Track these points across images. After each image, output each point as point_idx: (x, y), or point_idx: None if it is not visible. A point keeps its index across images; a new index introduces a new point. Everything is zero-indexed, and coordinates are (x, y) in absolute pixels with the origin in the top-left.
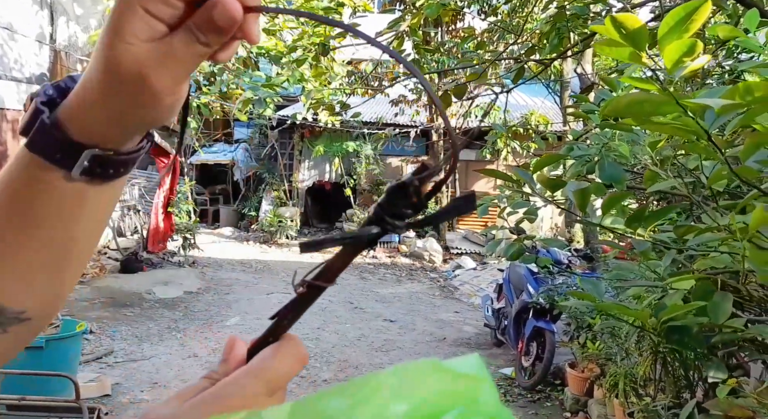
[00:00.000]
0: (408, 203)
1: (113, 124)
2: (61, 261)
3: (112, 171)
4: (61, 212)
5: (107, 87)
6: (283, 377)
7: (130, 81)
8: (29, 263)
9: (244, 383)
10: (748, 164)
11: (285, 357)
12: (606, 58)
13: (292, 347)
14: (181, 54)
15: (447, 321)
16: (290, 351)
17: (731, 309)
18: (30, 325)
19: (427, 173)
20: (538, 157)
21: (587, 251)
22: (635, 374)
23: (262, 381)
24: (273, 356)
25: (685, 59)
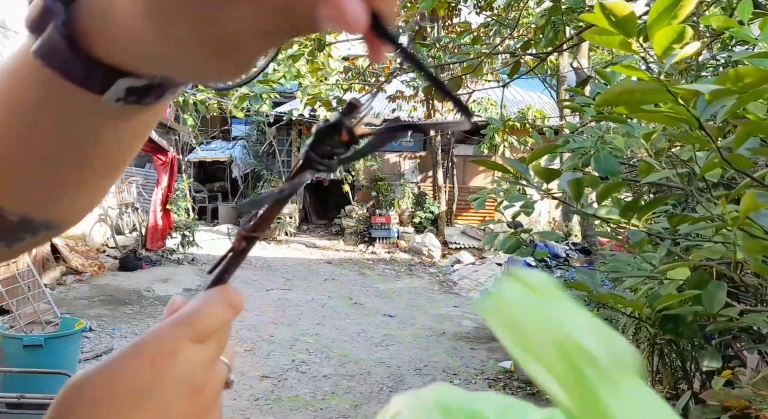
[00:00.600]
0: (338, 143)
1: (170, 42)
2: (90, 178)
3: (153, 98)
4: (88, 132)
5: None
6: (212, 322)
7: None
8: (58, 179)
9: (165, 329)
10: (739, 152)
11: (213, 302)
12: (602, 52)
13: (222, 292)
14: None
15: (446, 315)
16: (220, 297)
17: (725, 299)
18: (55, 232)
19: (355, 113)
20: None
21: (585, 245)
22: None
23: (187, 326)
24: (199, 302)
25: (674, 46)
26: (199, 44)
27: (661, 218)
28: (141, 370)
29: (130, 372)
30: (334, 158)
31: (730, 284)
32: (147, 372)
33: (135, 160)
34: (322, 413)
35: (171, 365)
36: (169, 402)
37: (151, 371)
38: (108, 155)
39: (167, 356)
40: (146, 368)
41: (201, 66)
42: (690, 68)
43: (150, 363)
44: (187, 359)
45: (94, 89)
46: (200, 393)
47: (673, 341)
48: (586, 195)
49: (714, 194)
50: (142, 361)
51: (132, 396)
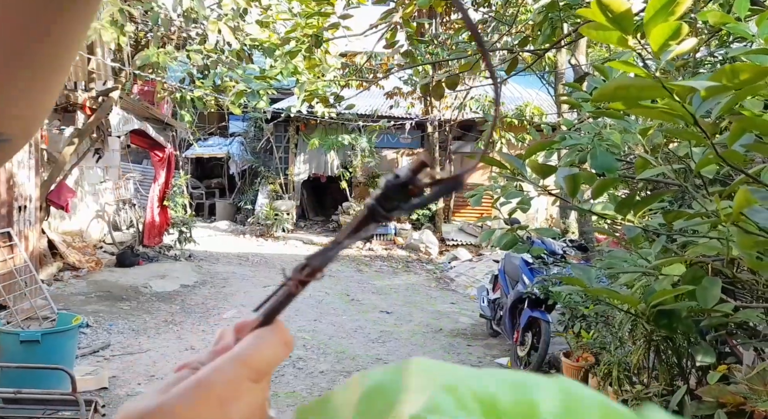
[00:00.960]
0: (404, 197)
1: None
2: (39, 76)
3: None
4: (35, 18)
5: None
6: (268, 362)
7: None
8: (6, 79)
9: (227, 368)
10: (734, 148)
11: (269, 342)
12: (600, 49)
13: (276, 332)
14: None
15: (443, 312)
16: (275, 336)
17: (720, 294)
18: (8, 146)
19: (424, 171)
20: None
21: (582, 242)
22: (629, 362)
23: (246, 367)
24: (256, 341)
25: (671, 42)
26: None
27: (657, 215)
28: (208, 412)
29: (197, 413)
30: (397, 210)
31: (726, 281)
32: (214, 414)
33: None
34: None
35: (236, 408)
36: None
37: (218, 414)
38: (56, 45)
39: (233, 399)
40: (214, 410)
41: None
42: (687, 65)
43: (217, 406)
44: (248, 402)
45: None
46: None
47: (669, 338)
48: (582, 191)
49: (710, 191)
50: (209, 404)
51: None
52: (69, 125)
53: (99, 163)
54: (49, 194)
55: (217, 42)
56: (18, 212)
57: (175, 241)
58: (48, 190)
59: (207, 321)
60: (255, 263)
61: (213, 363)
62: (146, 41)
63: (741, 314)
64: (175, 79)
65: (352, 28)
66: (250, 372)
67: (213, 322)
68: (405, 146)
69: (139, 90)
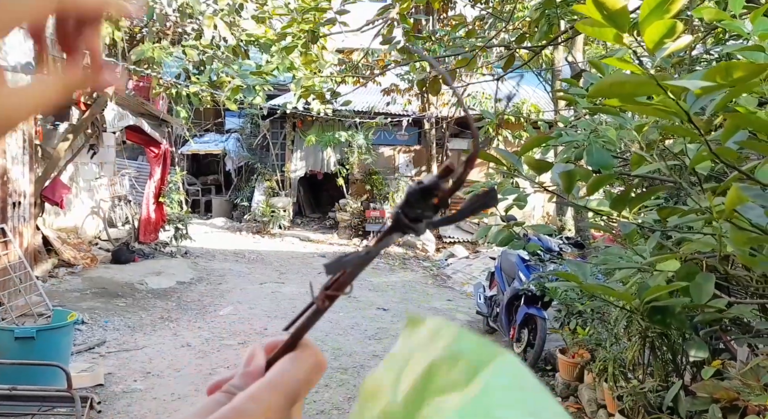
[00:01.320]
0: (429, 206)
1: None
2: None
3: None
4: None
5: None
6: (303, 387)
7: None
8: None
9: (264, 397)
10: (728, 145)
11: (303, 366)
12: (596, 46)
13: (310, 356)
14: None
15: (440, 309)
16: (309, 360)
17: (713, 290)
18: None
19: (452, 177)
20: None
21: (578, 239)
22: (624, 358)
23: (282, 394)
24: (291, 366)
25: (666, 40)
26: None
27: (653, 212)
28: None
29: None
30: (422, 221)
31: (720, 278)
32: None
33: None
34: (315, 406)
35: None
36: None
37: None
38: None
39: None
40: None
41: None
42: (683, 62)
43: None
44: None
45: None
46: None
47: (664, 334)
48: (578, 187)
49: (704, 188)
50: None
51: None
52: (63, 120)
53: (94, 159)
54: (43, 190)
55: (212, 37)
56: (12, 208)
57: (171, 238)
58: (42, 186)
59: (203, 317)
60: (251, 260)
61: (249, 391)
62: (141, 36)
63: (734, 309)
64: (170, 75)
65: (349, 24)
66: (286, 399)
67: (209, 319)
68: (402, 143)
69: (135, 86)
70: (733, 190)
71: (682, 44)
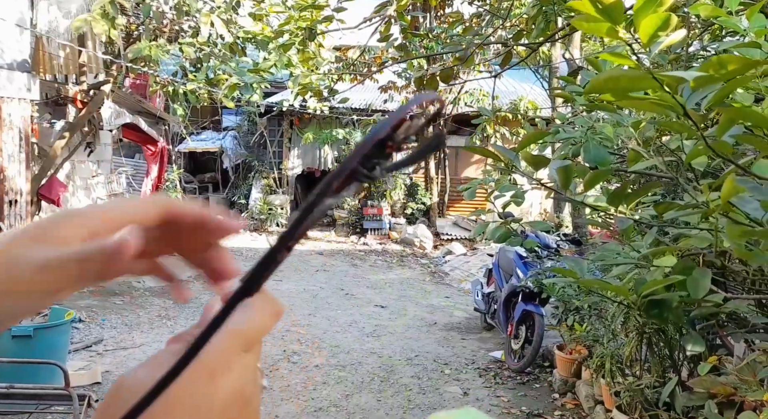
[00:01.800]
0: (383, 155)
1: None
2: None
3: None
4: None
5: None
6: (258, 332)
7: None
8: None
9: (219, 341)
10: (723, 139)
11: (258, 311)
12: (593, 43)
13: (265, 302)
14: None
15: (437, 306)
16: (264, 306)
17: (710, 285)
18: None
19: (404, 125)
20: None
21: (575, 236)
22: (621, 355)
23: (236, 337)
24: (247, 312)
25: (660, 34)
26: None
27: (650, 208)
28: (199, 385)
29: (187, 386)
30: (377, 169)
31: (718, 274)
32: (205, 386)
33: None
34: (313, 403)
35: (227, 379)
36: (225, 416)
37: (210, 387)
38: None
39: (224, 370)
40: (204, 382)
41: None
42: (680, 59)
43: (208, 378)
44: (240, 372)
45: None
46: (250, 403)
47: (662, 330)
48: (575, 184)
49: (700, 183)
50: (199, 375)
51: (191, 412)
52: (60, 118)
53: (91, 157)
54: (40, 188)
55: (209, 35)
56: (9, 206)
57: None
58: (39, 184)
59: (201, 315)
60: (249, 258)
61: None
62: (138, 34)
63: (731, 304)
64: (167, 73)
65: (346, 22)
66: (241, 342)
67: None
68: None
69: (131, 83)
70: (729, 181)
71: (677, 38)
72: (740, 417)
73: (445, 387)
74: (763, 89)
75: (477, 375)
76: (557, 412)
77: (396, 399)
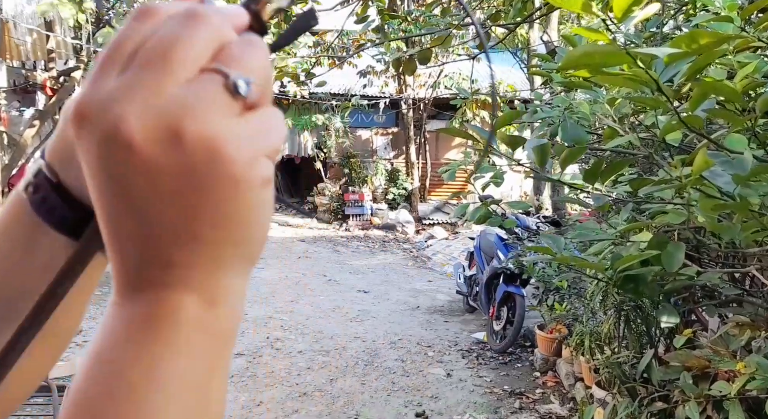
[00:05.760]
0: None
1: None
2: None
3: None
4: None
5: None
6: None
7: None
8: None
9: (170, 19)
10: (696, 113)
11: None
12: (571, 25)
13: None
14: None
15: (420, 290)
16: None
17: (684, 259)
18: (13, 404)
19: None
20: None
21: (555, 217)
22: (600, 332)
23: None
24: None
25: (634, 8)
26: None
27: (627, 186)
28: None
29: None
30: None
31: (692, 249)
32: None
33: None
34: (297, 388)
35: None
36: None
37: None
38: (69, 309)
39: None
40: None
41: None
42: (654, 37)
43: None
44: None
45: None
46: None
47: (639, 307)
48: (552, 163)
49: (675, 158)
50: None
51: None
52: (29, 106)
53: None
54: (11, 178)
55: None
56: None
57: None
58: (10, 174)
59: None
60: None
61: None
62: (108, 18)
63: (704, 277)
64: None
65: (322, 3)
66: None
67: None
68: (379, 126)
69: None
70: (700, 155)
71: (650, 12)
72: (714, 387)
73: (428, 369)
74: (736, 64)
75: (460, 356)
76: (538, 390)
77: (380, 382)
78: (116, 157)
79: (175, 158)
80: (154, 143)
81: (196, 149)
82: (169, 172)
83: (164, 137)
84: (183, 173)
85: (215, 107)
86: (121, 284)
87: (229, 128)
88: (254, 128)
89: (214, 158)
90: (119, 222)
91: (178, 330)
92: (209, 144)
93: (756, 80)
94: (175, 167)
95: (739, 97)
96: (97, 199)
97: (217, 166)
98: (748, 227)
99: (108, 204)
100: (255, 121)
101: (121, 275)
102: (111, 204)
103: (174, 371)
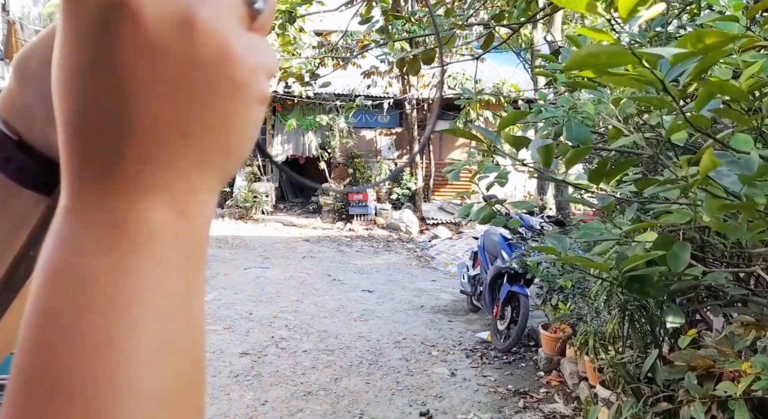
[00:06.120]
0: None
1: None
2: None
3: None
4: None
5: None
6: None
7: None
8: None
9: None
10: (702, 113)
11: None
12: (575, 25)
13: None
14: None
15: (424, 289)
16: None
17: (689, 259)
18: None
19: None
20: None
21: (559, 217)
22: (604, 332)
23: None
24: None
25: (639, 8)
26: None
27: (632, 186)
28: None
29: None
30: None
31: (697, 249)
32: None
33: None
34: (302, 387)
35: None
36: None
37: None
38: None
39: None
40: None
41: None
42: (659, 37)
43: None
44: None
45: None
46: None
47: (643, 306)
48: (556, 162)
49: (680, 158)
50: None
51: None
52: None
53: None
54: None
55: None
56: None
57: None
58: None
59: None
60: (234, 246)
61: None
62: None
63: (710, 277)
64: None
65: (326, 3)
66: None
67: None
68: (383, 126)
69: None
70: (707, 155)
71: (656, 11)
72: (719, 387)
73: (432, 368)
74: (741, 64)
75: (464, 355)
76: (543, 389)
77: (384, 381)
78: (118, 29)
79: (183, 45)
80: (164, 24)
81: (206, 42)
82: (174, 59)
83: (176, 21)
84: (187, 64)
85: (232, 9)
86: (79, 186)
87: (240, 33)
88: (258, 44)
89: (221, 56)
90: (96, 106)
91: (153, 238)
92: (220, 41)
93: (762, 80)
94: (181, 55)
95: (745, 96)
96: (68, 78)
97: (223, 64)
98: (754, 227)
99: (86, 84)
100: (257, 40)
101: (81, 174)
102: (91, 84)
103: (152, 283)
